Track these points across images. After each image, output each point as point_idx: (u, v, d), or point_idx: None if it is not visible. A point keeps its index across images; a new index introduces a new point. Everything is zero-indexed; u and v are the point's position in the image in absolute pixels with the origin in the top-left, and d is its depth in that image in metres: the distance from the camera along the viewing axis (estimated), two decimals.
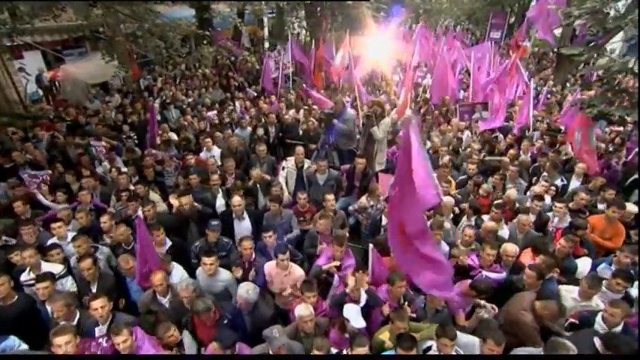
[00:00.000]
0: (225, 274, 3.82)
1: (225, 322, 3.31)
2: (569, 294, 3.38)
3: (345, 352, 2.96)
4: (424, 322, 3.37)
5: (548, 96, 10.42)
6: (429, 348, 2.92)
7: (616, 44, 14.78)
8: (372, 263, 3.72)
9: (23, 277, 3.69)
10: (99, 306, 3.07)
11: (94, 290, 3.63)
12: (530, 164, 6.25)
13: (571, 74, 13.22)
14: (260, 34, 20.96)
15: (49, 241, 4.12)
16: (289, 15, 14.59)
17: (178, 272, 3.88)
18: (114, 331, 2.77)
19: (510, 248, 3.95)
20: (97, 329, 3.14)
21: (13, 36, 8.06)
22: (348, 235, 4.60)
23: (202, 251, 3.77)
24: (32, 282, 3.51)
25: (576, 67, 13.20)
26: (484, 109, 8.26)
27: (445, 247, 4.24)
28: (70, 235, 4.13)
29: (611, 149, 6.84)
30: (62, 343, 2.68)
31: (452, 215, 4.96)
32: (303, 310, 3.15)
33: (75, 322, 3.16)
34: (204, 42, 8.84)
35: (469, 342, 2.90)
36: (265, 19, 19.61)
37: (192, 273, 3.94)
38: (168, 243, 4.22)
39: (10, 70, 9.66)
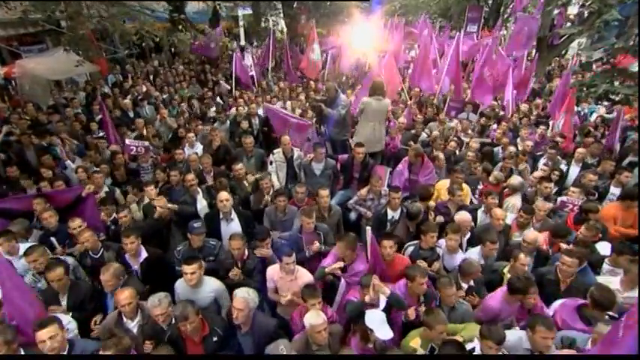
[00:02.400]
0: (213, 283, 3.24)
1: (216, 339, 2.77)
2: (610, 285, 2.96)
3: None
4: None
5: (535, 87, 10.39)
6: (473, 350, 2.51)
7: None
8: (371, 249, 3.33)
9: None
10: (46, 337, 2.43)
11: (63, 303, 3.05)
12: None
13: (550, 64, 13.37)
14: (235, 31, 20.33)
15: None
16: (268, 7, 13.99)
17: None
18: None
19: (531, 235, 3.63)
20: None
21: None
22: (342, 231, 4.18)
23: (184, 258, 3.20)
24: None
25: (555, 57, 13.36)
26: (473, 110, 7.92)
27: (460, 256, 3.70)
28: (23, 247, 3.38)
29: (598, 134, 6.65)
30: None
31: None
32: (314, 317, 2.65)
33: None
34: (180, 27, 8.16)
35: (516, 342, 2.51)
36: (240, 15, 18.99)
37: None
38: (144, 254, 3.56)
39: None
